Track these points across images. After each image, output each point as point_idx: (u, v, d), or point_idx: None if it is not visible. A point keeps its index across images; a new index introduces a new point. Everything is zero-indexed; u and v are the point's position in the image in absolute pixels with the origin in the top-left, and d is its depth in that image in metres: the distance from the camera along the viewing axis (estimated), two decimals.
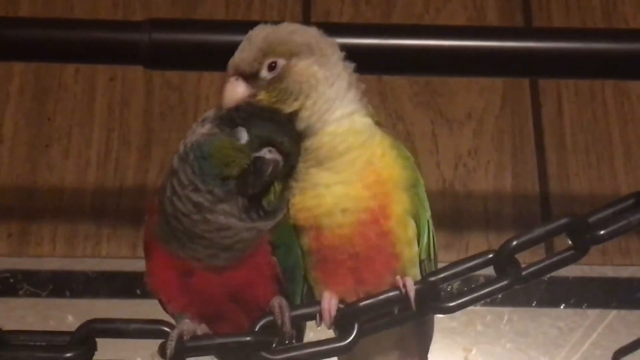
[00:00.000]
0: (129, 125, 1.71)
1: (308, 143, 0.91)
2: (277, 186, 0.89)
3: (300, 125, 0.91)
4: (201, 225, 0.88)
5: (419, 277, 0.92)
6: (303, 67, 0.92)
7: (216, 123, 0.90)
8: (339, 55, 0.96)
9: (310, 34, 0.95)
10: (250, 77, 0.92)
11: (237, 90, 0.92)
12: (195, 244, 0.88)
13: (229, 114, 0.90)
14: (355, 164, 0.91)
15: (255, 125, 0.88)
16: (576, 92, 1.77)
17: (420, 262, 0.94)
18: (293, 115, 0.91)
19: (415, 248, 0.93)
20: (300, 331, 0.96)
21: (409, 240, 0.92)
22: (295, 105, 0.91)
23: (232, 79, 0.92)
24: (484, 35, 1.33)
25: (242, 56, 0.92)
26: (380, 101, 1.75)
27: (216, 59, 0.97)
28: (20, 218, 1.62)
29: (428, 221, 0.96)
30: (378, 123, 0.96)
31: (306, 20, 1.78)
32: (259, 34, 0.93)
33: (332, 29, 1.36)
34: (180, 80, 1.74)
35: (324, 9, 1.82)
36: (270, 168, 0.87)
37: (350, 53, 1.24)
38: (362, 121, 0.94)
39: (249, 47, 0.92)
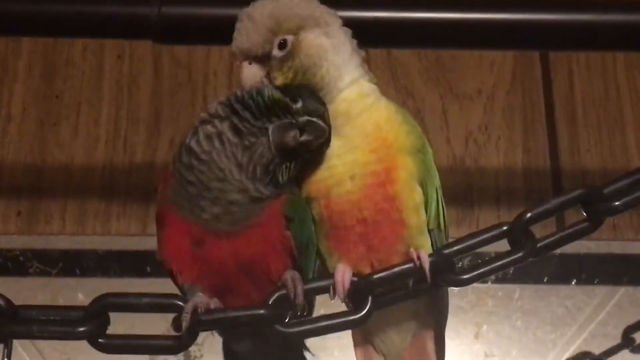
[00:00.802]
0: (138, 102, 1.71)
1: None
2: (295, 166, 0.90)
3: None
4: (205, 171, 0.88)
5: (429, 246, 0.93)
6: (311, 39, 0.92)
7: (276, 88, 0.91)
8: (339, 22, 0.96)
9: (312, 5, 0.95)
10: (262, 58, 0.92)
11: (254, 74, 0.92)
12: (201, 199, 0.89)
13: (289, 87, 0.91)
14: (365, 128, 0.91)
15: (307, 97, 0.90)
16: (587, 66, 1.77)
17: (430, 231, 0.94)
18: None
19: (423, 215, 0.93)
20: (310, 305, 0.96)
21: (416, 205, 0.92)
22: (312, 82, 0.91)
23: (246, 64, 0.92)
24: (494, 7, 1.32)
25: (249, 39, 0.92)
26: (390, 77, 1.74)
27: (226, 32, 0.96)
28: (30, 196, 1.63)
29: (436, 191, 0.95)
30: (384, 93, 0.97)
31: None
32: (263, 12, 0.92)
33: (340, 1, 1.37)
34: (188, 57, 1.74)
35: None
36: (320, 133, 0.89)
37: (359, 27, 1.25)
38: (369, 85, 0.95)
39: (254, 28, 0.92)
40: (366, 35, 1.24)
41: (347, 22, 1.14)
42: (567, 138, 1.71)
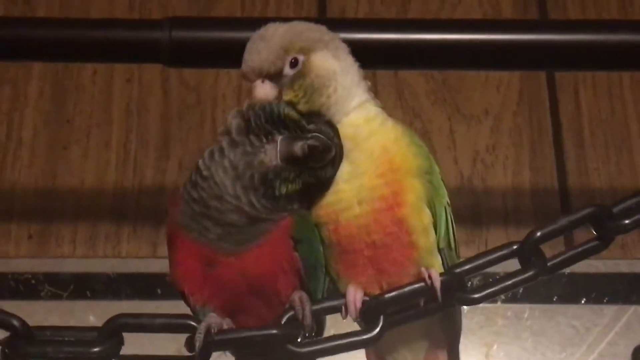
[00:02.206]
0: (147, 125, 1.72)
1: None
2: (295, 181, 0.90)
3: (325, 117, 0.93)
4: (205, 188, 0.89)
5: (439, 266, 0.93)
6: (321, 60, 0.94)
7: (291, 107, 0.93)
8: (347, 49, 0.98)
9: (322, 30, 0.97)
10: (274, 76, 0.93)
11: (267, 93, 0.93)
12: (205, 218, 0.90)
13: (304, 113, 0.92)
14: (372, 152, 0.92)
15: (319, 122, 0.91)
16: (593, 86, 1.77)
17: (440, 251, 0.95)
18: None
19: (432, 236, 0.93)
20: (320, 325, 0.97)
21: (425, 228, 0.93)
22: (320, 101, 0.92)
23: (258, 82, 0.93)
24: (500, 29, 1.34)
25: (262, 57, 0.93)
26: (397, 98, 1.75)
27: (236, 55, 0.97)
28: (41, 219, 1.63)
29: (445, 209, 0.96)
30: (390, 115, 0.98)
31: (322, 16, 1.79)
32: (275, 33, 0.94)
33: (348, 25, 1.38)
34: (197, 80, 1.75)
35: (339, 6, 1.83)
36: (324, 146, 0.89)
37: (367, 49, 1.26)
38: (375, 109, 0.96)
39: (267, 47, 0.93)
40: (374, 57, 1.26)
41: (356, 44, 1.16)
42: (574, 157, 1.71)
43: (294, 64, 0.93)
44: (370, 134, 0.93)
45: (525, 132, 1.73)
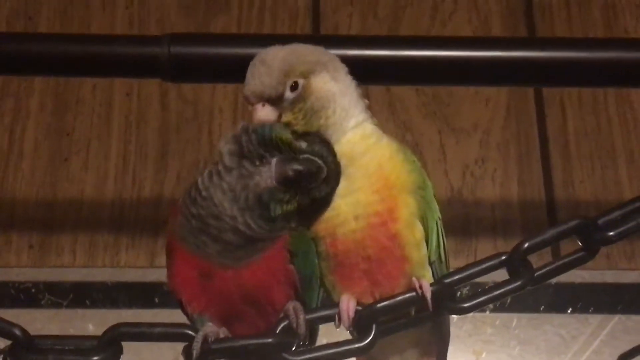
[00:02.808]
0: (146, 138, 1.72)
1: None
2: (290, 202, 0.90)
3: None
4: (204, 207, 0.90)
5: (430, 278, 0.93)
6: (321, 83, 0.94)
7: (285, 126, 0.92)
8: (345, 69, 0.98)
9: (320, 51, 0.98)
10: (275, 100, 0.94)
11: (267, 115, 0.93)
12: (203, 234, 0.90)
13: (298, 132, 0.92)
14: (368, 169, 0.92)
15: (313, 142, 0.91)
16: (579, 101, 1.78)
17: (431, 264, 0.95)
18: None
19: (424, 250, 0.94)
20: (313, 334, 0.97)
21: (417, 242, 0.93)
22: (318, 123, 0.93)
23: (259, 106, 0.93)
24: (489, 46, 1.34)
25: (264, 82, 0.93)
26: (389, 112, 1.76)
27: (233, 71, 0.98)
28: (41, 230, 1.63)
29: (437, 223, 0.96)
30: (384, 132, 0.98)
31: (316, 33, 1.79)
32: (276, 57, 0.94)
33: (341, 41, 1.38)
34: (194, 94, 1.75)
35: (333, 24, 1.83)
36: (315, 169, 0.89)
37: (360, 65, 1.26)
38: (371, 127, 0.96)
39: (268, 72, 0.93)
40: (366, 73, 1.27)
41: (348, 61, 1.16)
42: (561, 170, 1.71)
43: (294, 87, 0.93)
44: (366, 151, 0.93)
45: (513, 145, 1.74)
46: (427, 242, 0.94)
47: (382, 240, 0.91)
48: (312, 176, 0.89)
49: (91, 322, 1.54)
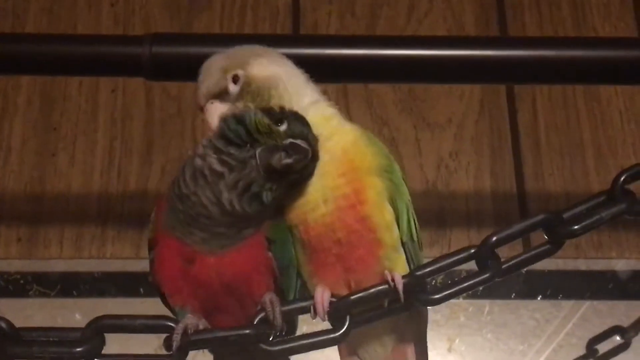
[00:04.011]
0: (131, 133, 1.72)
1: None
2: (281, 186, 0.89)
3: None
4: (195, 208, 0.89)
5: (403, 263, 0.93)
6: (260, 67, 0.94)
7: (261, 110, 0.90)
8: (284, 57, 0.98)
9: (255, 46, 0.99)
10: (221, 96, 0.94)
11: (219, 112, 0.92)
12: (191, 226, 0.89)
13: (271, 109, 0.90)
14: (334, 153, 0.91)
15: (294, 122, 0.89)
16: (550, 97, 1.79)
17: (403, 244, 0.95)
18: None
19: (396, 232, 0.93)
20: (292, 324, 0.97)
21: (388, 224, 0.92)
22: (272, 102, 0.92)
23: (208, 105, 0.94)
24: (463, 45, 1.34)
25: (206, 82, 0.94)
26: (366, 108, 1.76)
27: None
28: (29, 223, 1.63)
29: (406, 205, 0.96)
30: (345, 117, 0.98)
31: (296, 33, 1.79)
32: (213, 60, 0.96)
33: (320, 40, 1.38)
34: (178, 90, 1.74)
35: (312, 22, 1.83)
36: (303, 155, 0.88)
37: (338, 63, 1.26)
38: (330, 109, 0.96)
39: (208, 73, 0.95)
40: (345, 71, 1.27)
41: (328, 59, 1.17)
42: (531, 163, 1.72)
43: (235, 79, 0.94)
44: (331, 135, 0.92)
45: (486, 139, 1.75)
46: (398, 224, 0.94)
47: (352, 223, 0.91)
48: (300, 162, 0.88)
49: (78, 312, 1.54)
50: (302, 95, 0.94)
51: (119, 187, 1.66)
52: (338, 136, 0.93)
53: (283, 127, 0.88)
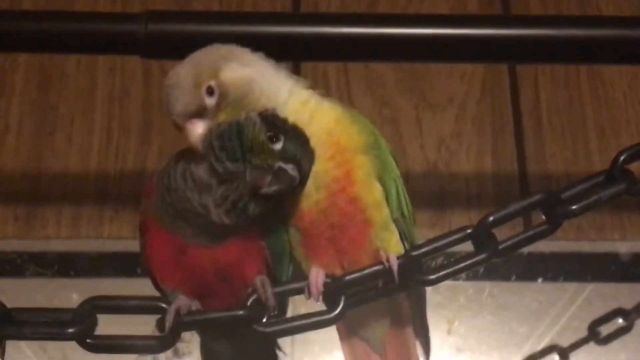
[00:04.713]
0: (129, 113, 1.71)
1: None
2: (269, 202, 0.87)
3: None
4: (183, 203, 0.88)
5: (396, 240, 0.93)
6: (232, 73, 0.90)
7: (261, 120, 0.88)
8: (247, 50, 0.94)
9: (215, 49, 0.94)
10: (200, 112, 0.90)
11: (198, 128, 0.89)
12: (180, 220, 0.89)
13: (272, 119, 0.88)
14: (319, 136, 0.90)
15: (290, 139, 0.88)
16: (552, 77, 1.77)
17: (395, 221, 0.94)
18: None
19: (385, 210, 0.93)
20: (282, 308, 0.97)
21: (377, 203, 0.92)
22: (252, 109, 0.89)
23: (188, 125, 0.89)
24: (465, 23, 1.33)
25: (180, 102, 0.89)
26: (367, 88, 1.75)
27: None
28: (27, 202, 1.62)
29: (395, 181, 0.95)
30: (322, 95, 0.96)
31: (296, 11, 1.78)
32: (179, 75, 0.91)
33: (320, 18, 1.37)
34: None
35: (312, 0, 1.82)
36: (288, 184, 0.86)
37: (339, 42, 1.25)
38: (305, 92, 0.94)
39: (179, 92, 0.90)
40: (345, 50, 1.26)
41: (328, 38, 1.15)
42: (533, 144, 1.71)
43: (210, 91, 0.89)
44: (311, 119, 0.91)
45: (488, 120, 1.73)
46: (388, 202, 0.93)
47: (343, 205, 0.90)
48: (286, 189, 0.86)
49: (75, 292, 1.53)
50: (278, 89, 0.92)
51: (117, 167, 1.65)
52: (319, 117, 0.91)
53: (278, 146, 0.87)
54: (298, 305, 1.02)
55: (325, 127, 0.91)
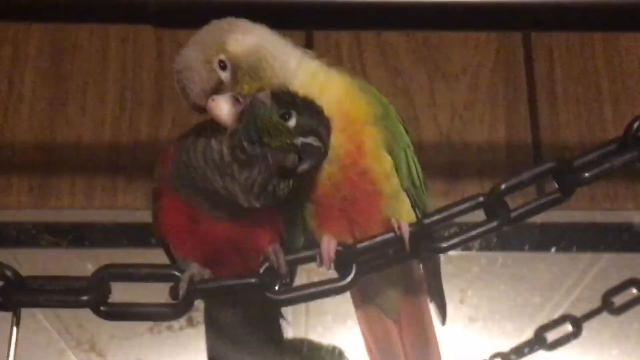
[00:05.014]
0: (142, 83, 1.70)
1: None
2: (295, 181, 0.88)
3: None
4: (205, 182, 0.88)
5: (407, 209, 0.94)
6: (238, 44, 0.90)
7: (271, 99, 0.88)
8: (248, 22, 0.94)
9: (217, 24, 0.94)
10: (217, 88, 0.90)
11: (224, 106, 0.88)
12: (198, 195, 0.89)
13: (282, 95, 0.88)
14: (329, 110, 0.90)
15: (303, 112, 0.87)
16: (567, 46, 1.76)
17: (406, 190, 0.94)
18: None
19: (395, 181, 0.93)
20: (292, 275, 0.97)
21: (387, 174, 0.92)
22: (267, 75, 0.90)
23: (210, 102, 0.89)
24: None
25: (196, 82, 0.89)
26: (379, 57, 1.74)
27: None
28: (40, 172, 1.62)
29: (405, 150, 0.95)
30: (329, 64, 0.95)
31: None
32: (189, 58, 0.91)
33: None
34: (189, 40, 1.72)
35: None
36: (317, 156, 0.87)
37: (351, 11, 1.25)
38: (313, 63, 0.94)
39: (191, 73, 0.90)
40: (358, 19, 1.25)
41: (340, 7, 1.14)
42: (547, 114, 1.70)
43: (222, 65, 0.90)
44: (321, 91, 0.91)
45: (501, 89, 1.72)
46: (397, 171, 0.93)
47: (354, 178, 0.91)
48: (318, 161, 0.87)
49: (89, 262, 1.54)
50: (287, 58, 0.92)
51: (130, 138, 1.66)
52: (329, 90, 0.91)
53: (292, 123, 0.87)
54: (309, 276, 1.02)
55: (335, 99, 0.91)
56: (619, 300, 1.45)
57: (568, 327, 1.46)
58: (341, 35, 1.74)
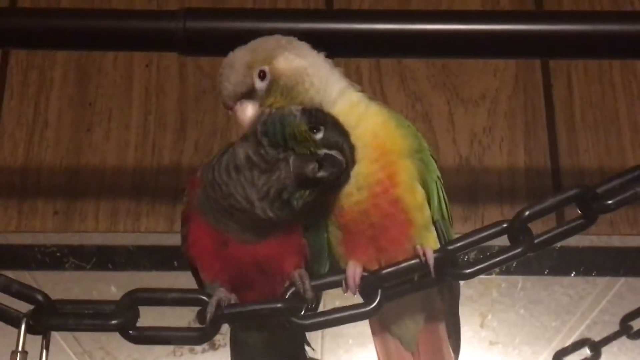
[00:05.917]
0: (165, 108, 1.72)
1: None
2: (312, 194, 0.88)
3: None
4: (228, 199, 0.88)
5: (434, 240, 0.94)
6: (286, 62, 0.92)
7: (302, 113, 0.89)
8: (307, 46, 0.96)
9: (277, 37, 0.96)
10: (249, 94, 0.92)
11: (249, 112, 0.91)
12: (224, 216, 0.90)
13: (313, 112, 0.90)
14: (364, 138, 0.91)
15: (331, 130, 0.89)
16: (585, 72, 1.76)
17: (435, 222, 0.95)
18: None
19: (427, 212, 0.94)
20: (316, 302, 0.97)
21: (419, 205, 0.93)
22: (299, 98, 0.91)
23: (238, 106, 0.92)
24: (497, 19, 1.32)
25: (231, 81, 0.92)
26: (399, 83, 1.75)
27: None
28: (66, 197, 1.64)
29: (436, 183, 0.96)
30: (371, 98, 0.97)
31: (329, 8, 1.78)
32: (235, 57, 0.94)
33: (353, 15, 1.38)
34: (211, 66, 1.74)
35: None
36: (338, 167, 0.87)
37: (371, 38, 1.25)
38: (357, 94, 0.95)
39: (232, 71, 0.93)
40: (378, 46, 1.26)
41: (361, 34, 1.15)
42: (566, 139, 1.70)
43: (262, 75, 0.92)
44: (359, 121, 0.92)
45: (520, 115, 1.73)
46: (428, 202, 0.94)
47: (385, 206, 0.91)
48: (334, 175, 0.87)
49: (113, 285, 1.55)
50: (329, 86, 0.93)
51: (153, 162, 1.67)
52: (366, 121, 0.92)
53: (319, 135, 0.88)
54: (332, 301, 1.02)
55: (372, 130, 0.92)
56: (637, 324, 1.44)
57: (586, 351, 1.45)
58: (361, 61, 1.75)
